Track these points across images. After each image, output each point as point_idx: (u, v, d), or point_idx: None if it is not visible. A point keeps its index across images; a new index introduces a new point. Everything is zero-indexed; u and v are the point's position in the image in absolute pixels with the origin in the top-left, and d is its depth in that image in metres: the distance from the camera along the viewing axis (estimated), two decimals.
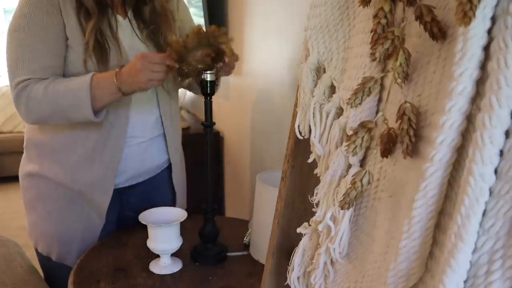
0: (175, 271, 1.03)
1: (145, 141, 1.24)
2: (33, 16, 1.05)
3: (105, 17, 1.11)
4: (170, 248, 1.03)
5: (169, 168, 1.34)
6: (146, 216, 1.03)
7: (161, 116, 1.25)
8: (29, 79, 1.06)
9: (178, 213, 1.06)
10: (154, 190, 1.32)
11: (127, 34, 1.18)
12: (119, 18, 1.17)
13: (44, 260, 1.25)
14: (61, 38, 1.08)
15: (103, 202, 1.19)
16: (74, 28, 1.08)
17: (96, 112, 1.07)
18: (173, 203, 1.35)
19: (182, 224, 1.05)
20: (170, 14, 1.22)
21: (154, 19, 1.20)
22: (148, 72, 1.02)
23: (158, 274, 1.02)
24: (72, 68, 1.11)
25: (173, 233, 1.02)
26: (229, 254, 1.06)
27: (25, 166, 1.23)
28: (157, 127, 1.26)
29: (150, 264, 1.05)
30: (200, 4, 1.91)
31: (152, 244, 1.02)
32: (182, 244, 1.05)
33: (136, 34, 1.19)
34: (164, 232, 1.00)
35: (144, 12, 1.19)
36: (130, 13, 1.19)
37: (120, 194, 1.25)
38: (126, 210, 1.28)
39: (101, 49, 1.09)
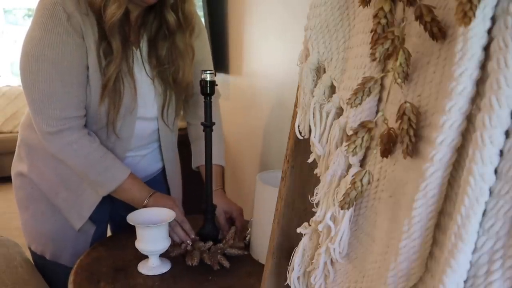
0: (164, 272, 1.03)
1: (142, 150, 1.25)
2: (61, 49, 1.00)
3: (124, 54, 1.07)
4: (159, 248, 1.03)
5: (163, 171, 1.34)
6: (134, 217, 1.03)
7: (160, 147, 1.27)
8: (73, 117, 1.05)
9: (166, 214, 1.05)
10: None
11: (137, 67, 1.13)
12: (133, 50, 1.11)
13: (38, 258, 1.25)
14: (86, 70, 1.05)
15: (95, 203, 1.19)
16: (93, 61, 1.04)
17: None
18: None
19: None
20: (190, 50, 1.16)
21: (170, 57, 1.13)
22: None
23: (155, 275, 1.02)
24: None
25: (161, 233, 1.02)
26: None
27: (17, 165, 1.22)
28: (153, 139, 1.27)
29: (138, 265, 1.05)
30: (200, 4, 1.91)
31: (140, 245, 1.02)
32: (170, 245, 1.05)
33: (144, 68, 1.14)
34: (152, 232, 1.00)
35: (160, 47, 1.12)
36: (142, 43, 1.14)
37: (111, 197, 1.25)
38: (119, 210, 1.28)
39: (115, 89, 1.06)
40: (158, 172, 1.34)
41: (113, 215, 1.31)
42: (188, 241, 1.09)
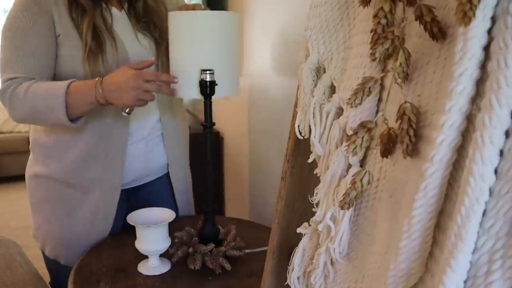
0: (163, 272, 1.03)
1: (150, 140, 1.23)
2: (22, 17, 1.07)
3: (98, 11, 1.13)
4: (159, 249, 1.03)
5: (167, 174, 1.33)
6: (134, 217, 1.03)
7: (160, 115, 1.25)
8: (15, 77, 1.08)
9: (166, 214, 1.05)
10: (160, 194, 1.31)
11: (123, 27, 1.19)
12: (115, 11, 1.18)
13: (52, 263, 1.24)
14: (49, 38, 1.10)
15: (111, 200, 1.19)
16: (66, 25, 1.10)
17: (72, 118, 1.07)
18: (176, 206, 1.35)
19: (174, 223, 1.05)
20: (163, 7, 1.25)
21: (146, 14, 1.22)
22: (140, 92, 1.02)
23: (155, 275, 1.02)
24: (66, 65, 1.12)
25: (161, 234, 1.02)
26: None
27: (32, 167, 1.23)
28: (158, 126, 1.26)
29: (138, 265, 1.05)
30: (200, 4, 1.91)
31: (140, 245, 1.02)
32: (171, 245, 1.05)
33: (132, 27, 1.21)
34: (152, 233, 1.00)
35: (137, 7, 1.22)
36: (126, 6, 1.21)
37: (127, 196, 1.25)
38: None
39: (95, 42, 1.10)
40: (163, 171, 1.33)
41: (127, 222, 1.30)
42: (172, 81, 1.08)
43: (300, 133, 0.58)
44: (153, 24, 1.22)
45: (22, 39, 1.08)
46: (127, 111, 1.08)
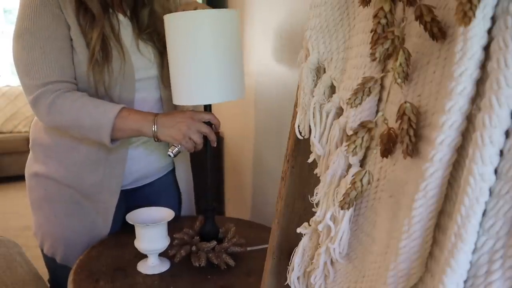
0: (163, 271, 1.03)
1: (151, 143, 1.23)
2: (38, 18, 1.05)
3: (106, 17, 1.11)
4: (158, 248, 1.03)
5: (174, 170, 1.34)
6: (133, 216, 1.04)
7: None
8: (53, 81, 1.06)
9: (165, 213, 1.06)
10: (159, 194, 1.31)
11: (128, 33, 1.17)
12: (120, 17, 1.16)
13: (49, 261, 1.24)
14: (68, 38, 1.08)
15: (110, 203, 1.19)
16: (75, 30, 1.08)
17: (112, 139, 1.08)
18: (179, 206, 1.35)
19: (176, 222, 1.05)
20: None
21: (152, 22, 1.19)
22: (192, 130, 1.04)
23: (154, 274, 1.02)
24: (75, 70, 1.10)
25: (160, 233, 1.02)
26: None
27: (32, 166, 1.23)
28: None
29: (137, 264, 1.05)
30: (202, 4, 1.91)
31: (140, 244, 1.02)
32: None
33: (135, 36, 1.19)
34: (151, 232, 1.00)
35: (142, 15, 1.18)
36: (129, 13, 1.19)
37: (126, 197, 1.25)
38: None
39: (103, 50, 1.08)
40: (169, 170, 1.34)
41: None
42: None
43: (300, 133, 0.58)
44: (156, 34, 1.19)
45: (45, 39, 1.05)
46: (174, 151, 1.08)
